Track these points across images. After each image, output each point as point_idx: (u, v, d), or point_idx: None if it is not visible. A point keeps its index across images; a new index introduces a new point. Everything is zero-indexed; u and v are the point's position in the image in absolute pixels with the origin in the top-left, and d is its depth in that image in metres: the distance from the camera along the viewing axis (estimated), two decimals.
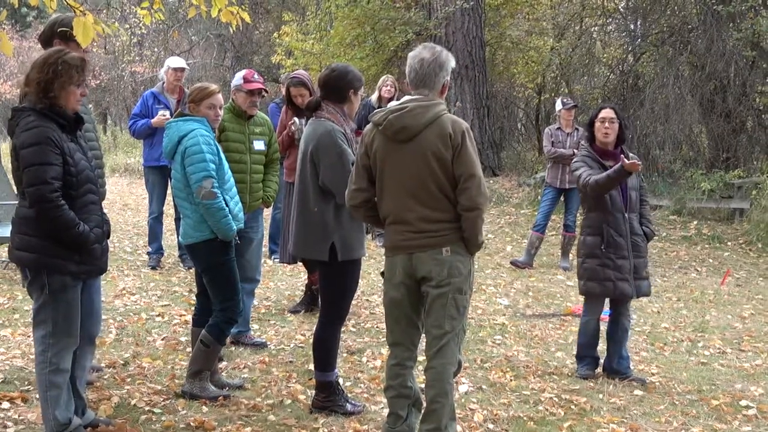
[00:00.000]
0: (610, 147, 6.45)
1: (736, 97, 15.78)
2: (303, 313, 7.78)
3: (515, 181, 16.68)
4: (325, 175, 5.02)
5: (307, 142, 5.14)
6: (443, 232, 4.36)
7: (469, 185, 4.29)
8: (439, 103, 4.43)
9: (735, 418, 5.68)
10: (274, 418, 5.16)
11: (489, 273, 10.56)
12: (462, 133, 4.32)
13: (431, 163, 4.33)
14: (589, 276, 6.38)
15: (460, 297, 4.40)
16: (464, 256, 4.41)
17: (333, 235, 5.06)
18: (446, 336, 4.39)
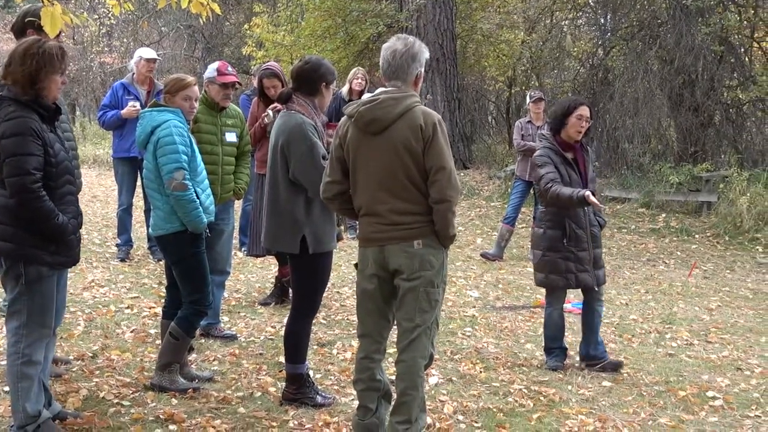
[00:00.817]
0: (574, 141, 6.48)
1: (705, 91, 15.92)
2: (273, 305, 7.77)
3: (486, 174, 16.74)
4: (296, 168, 5.01)
5: (277, 134, 5.12)
6: (415, 224, 4.36)
7: (439, 178, 4.29)
8: (411, 95, 4.41)
9: (702, 408, 5.74)
10: (244, 411, 5.15)
11: (459, 265, 10.59)
12: (433, 125, 4.31)
13: (402, 155, 4.32)
14: (550, 269, 6.44)
15: (432, 290, 4.40)
16: (436, 249, 4.40)
17: (304, 228, 5.05)
18: (417, 329, 4.39)
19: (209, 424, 4.85)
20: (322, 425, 4.93)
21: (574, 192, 6.18)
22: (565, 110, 6.48)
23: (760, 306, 9.43)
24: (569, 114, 6.43)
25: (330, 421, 5.00)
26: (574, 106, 6.45)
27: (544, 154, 6.46)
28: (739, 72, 16.74)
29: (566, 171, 6.37)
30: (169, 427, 4.81)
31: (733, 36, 16.57)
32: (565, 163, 6.38)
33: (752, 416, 5.65)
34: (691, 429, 5.32)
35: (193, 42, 26.11)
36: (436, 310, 4.44)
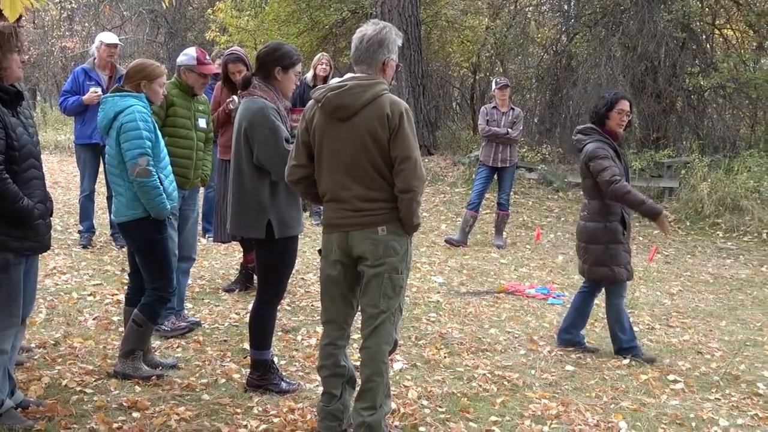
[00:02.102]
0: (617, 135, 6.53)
1: (667, 77, 16.05)
2: (237, 292, 7.74)
3: (450, 160, 16.77)
4: (259, 151, 4.99)
5: (240, 119, 5.09)
6: (379, 211, 4.35)
7: (404, 167, 4.27)
8: (379, 82, 4.37)
9: (663, 392, 5.81)
10: (208, 397, 5.13)
11: (424, 251, 10.61)
12: (400, 114, 4.28)
13: (368, 143, 4.30)
14: (616, 261, 6.44)
15: (396, 276, 4.39)
16: (400, 236, 4.39)
17: (269, 212, 5.04)
18: (381, 315, 4.40)
19: (173, 411, 4.83)
20: (286, 411, 4.93)
21: (647, 201, 6.27)
22: (606, 105, 6.47)
23: (720, 290, 9.56)
24: (611, 108, 6.44)
25: (295, 408, 5.00)
26: (615, 100, 6.45)
27: (603, 147, 6.40)
28: (701, 59, 16.90)
29: (619, 162, 6.41)
30: (132, 414, 4.79)
31: (695, 23, 16.72)
32: (618, 156, 6.42)
33: (712, 399, 5.72)
34: (653, 412, 5.38)
35: (156, 27, 25.90)
36: (400, 297, 4.44)
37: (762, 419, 5.37)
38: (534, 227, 12.75)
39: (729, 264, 11.20)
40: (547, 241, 12.09)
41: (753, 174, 13.94)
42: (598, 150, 6.37)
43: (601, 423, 5.10)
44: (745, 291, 9.67)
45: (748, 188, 13.55)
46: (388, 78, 4.48)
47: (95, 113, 6.58)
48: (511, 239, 11.93)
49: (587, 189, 6.54)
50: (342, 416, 4.59)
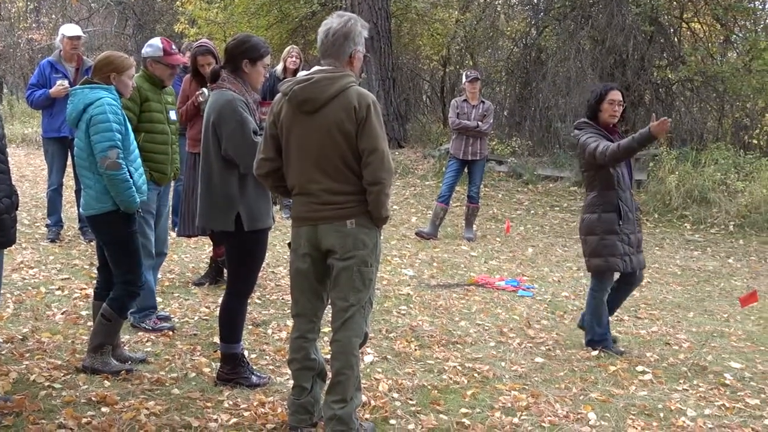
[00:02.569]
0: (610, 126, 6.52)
1: (635, 71, 16.16)
2: (207, 285, 7.72)
3: (420, 153, 16.79)
4: (228, 144, 4.97)
5: (209, 112, 5.07)
6: (348, 204, 4.35)
7: (372, 160, 4.27)
8: (346, 75, 4.36)
9: (631, 383, 5.85)
10: (178, 392, 5.11)
11: (394, 244, 10.62)
12: (367, 106, 4.26)
13: (335, 136, 4.29)
14: (610, 252, 6.43)
15: (365, 269, 4.39)
16: (370, 229, 4.38)
17: (238, 205, 5.02)
18: (351, 308, 4.39)
19: (142, 405, 4.81)
20: (257, 405, 4.92)
21: (632, 136, 6.17)
22: (597, 97, 6.49)
23: (688, 282, 9.65)
24: (601, 100, 6.45)
25: (265, 401, 4.99)
26: (605, 91, 6.46)
27: (590, 135, 6.42)
28: (669, 52, 17.04)
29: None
30: (101, 409, 4.76)
31: (663, 16, 16.85)
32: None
33: (680, 389, 5.78)
34: (621, 403, 5.42)
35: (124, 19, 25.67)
36: (370, 290, 4.44)
37: (729, 409, 5.43)
38: (504, 220, 12.80)
39: (696, 256, 11.30)
40: (517, 234, 12.14)
41: (720, 166, 14.08)
42: (587, 138, 6.42)
43: (571, 414, 5.14)
44: (713, 283, 9.77)
45: (716, 181, 13.68)
46: (356, 70, 4.46)
47: (63, 106, 6.51)
48: (481, 232, 11.97)
49: (586, 181, 6.63)
50: (313, 409, 4.59)
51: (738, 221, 12.93)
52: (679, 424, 5.10)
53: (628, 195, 6.45)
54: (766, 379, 6.14)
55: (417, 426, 4.78)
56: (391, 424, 4.79)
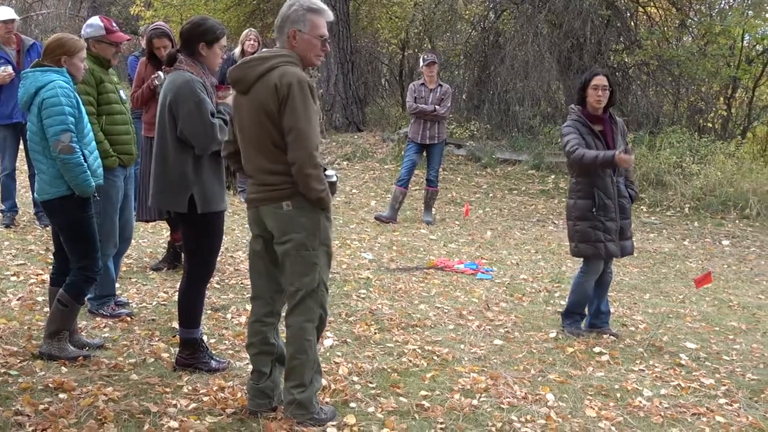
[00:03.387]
0: (599, 112, 6.53)
1: (592, 55, 16.24)
2: (165, 270, 7.66)
3: (379, 137, 16.77)
4: (184, 125, 4.92)
5: (165, 92, 5.02)
6: (283, 185, 4.29)
7: (290, 139, 4.21)
8: (279, 55, 4.33)
9: (589, 364, 5.92)
10: (136, 377, 5.08)
11: (353, 228, 10.62)
12: (289, 85, 4.20)
13: (261, 116, 4.26)
14: (580, 238, 6.51)
15: (305, 253, 4.33)
16: (309, 210, 4.32)
17: (192, 186, 4.98)
18: (299, 293, 4.36)
19: (100, 391, 4.77)
20: (216, 390, 4.90)
21: (599, 153, 6.28)
22: (582, 83, 6.55)
23: (644, 264, 9.76)
24: (586, 86, 6.49)
25: (225, 386, 4.97)
26: (589, 77, 6.51)
27: (570, 125, 6.52)
28: (625, 36, 17.14)
29: (593, 142, 6.44)
30: (59, 395, 4.71)
31: (620, 1, 16.93)
32: (592, 135, 6.45)
33: (636, 370, 5.85)
34: (579, 384, 5.48)
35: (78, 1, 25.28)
36: (315, 274, 4.37)
37: (684, 389, 5.51)
38: (463, 203, 12.84)
39: (653, 238, 11.43)
40: (476, 217, 12.19)
41: (675, 150, 14.22)
42: (563, 128, 6.57)
43: (529, 395, 5.18)
44: (668, 264, 9.89)
45: (671, 164, 13.82)
46: (299, 49, 4.38)
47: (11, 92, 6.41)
48: (440, 215, 12.00)
49: (568, 167, 6.71)
50: (272, 394, 4.58)
51: (693, 204, 13.08)
52: (636, 404, 5.17)
53: (609, 182, 6.46)
54: (720, 359, 6.23)
55: (377, 409, 4.79)
56: (351, 407, 4.79)
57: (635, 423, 4.88)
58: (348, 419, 4.55)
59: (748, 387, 5.63)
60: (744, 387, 5.62)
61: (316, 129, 4.26)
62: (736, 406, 5.26)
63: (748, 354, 6.40)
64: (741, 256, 10.69)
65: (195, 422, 4.42)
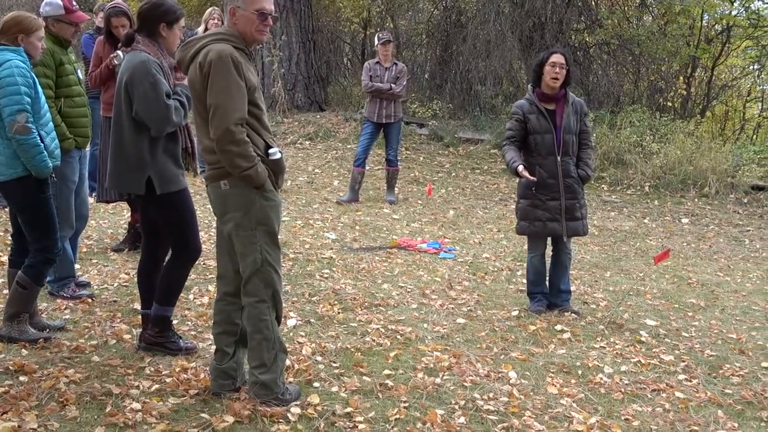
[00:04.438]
0: (555, 91, 6.53)
1: (553, 34, 16.30)
2: (127, 251, 7.60)
3: (342, 116, 16.73)
4: (139, 105, 4.86)
5: (122, 73, 4.96)
6: (220, 164, 4.26)
7: (211, 116, 4.18)
8: (215, 33, 4.32)
9: (551, 342, 5.97)
10: (98, 359, 5.04)
11: (316, 208, 10.61)
12: (210, 62, 4.16)
13: (194, 95, 4.30)
14: (521, 216, 6.63)
15: (243, 233, 4.31)
16: (242, 189, 4.27)
17: (148, 168, 4.92)
18: (246, 272, 4.35)
19: (62, 373, 4.73)
20: (179, 371, 4.88)
21: (511, 160, 6.42)
22: (539, 61, 6.57)
23: (605, 242, 9.85)
24: (543, 64, 6.51)
25: (187, 367, 4.95)
26: (548, 55, 6.53)
27: (516, 106, 6.63)
28: (586, 15, 17.22)
29: (538, 120, 6.47)
30: (19, 378, 4.66)
31: None
32: (539, 114, 6.48)
33: (597, 347, 5.91)
34: (541, 361, 5.52)
35: None
36: (257, 253, 4.32)
37: (644, 365, 5.58)
38: (425, 183, 12.86)
39: (613, 216, 11.54)
40: (439, 197, 12.21)
41: (636, 129, 14.34)
42: (512, 109, 6.69)
43: (492, 373, 5.22)
44: (629, 242, 9.99)
45: (632, 143, 13.94)
46: (239, 26, 4.33)
47: None
48: (403, 195, 12.01)
49: None
50: (235, 374, 4.57)
51: (653, 182, 13.21)
52: (597, 381, 5.22)
53: (552, 161, 6.49)
54: (680, 335, 6.32)
55: (340, 388, 4.80)
56: (315, 387, 4.80)
57: (596, 399, 4.94)
58: (311, 399, 4.56)
59: (706, 363, 5.72)
60: (703, 363, 5.71)
61: (237, 104, 4.17)
62: (695, 382, 5.33)
63: (707, 330, 6.49)
64: (700, 234, 10.83)
65: (158, 404, 4.40)
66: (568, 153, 6.53)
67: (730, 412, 4.87)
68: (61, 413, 4.21)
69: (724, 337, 6.35)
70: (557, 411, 4.69)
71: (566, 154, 6.51)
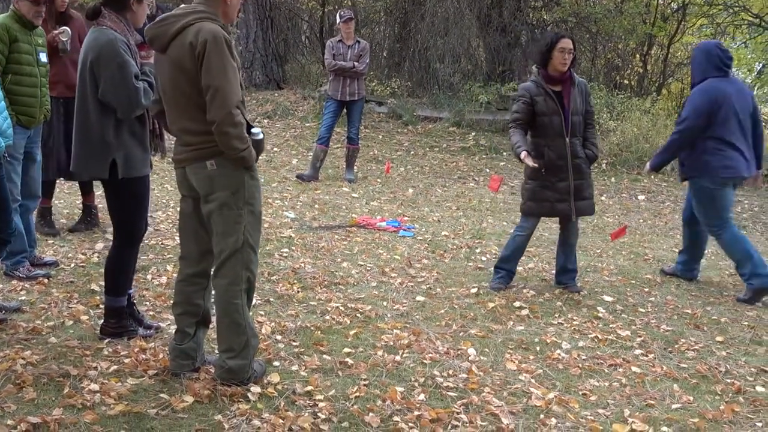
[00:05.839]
0: (561, 74, 6.55)
1: (512, 11, 16.35)
2: (84, 232, 7.52)
3: (300, 94, 16.66)
4: (106, 87, 4.75)
5: (86, 51, 4.82)
6: (205, 144, 4.21)
7: (209, 98, 4.12)
8: (197, 11, 4.23)
9: (509, 318, 6.01)
10: (55, 340, 4.99)
11: (275, 187, 10.57)
12: (205, 42, 4.10)
13: (179, 75, 4.18)
14: (529, 196, 6.66)
15: (228, 213, 4.26)
16: (231, 169, 4.24)
17: (114, 151, 4.82)
18: (223, 253, 4.30)
19: (18, 355, 4.68)
20: (138, 351, 4.84)
21: (516, 144, 6.45)
22: (547, 45, 6.54)
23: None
24: (552, 48, 6.49)
25: (146, 347, 4.92)
26: (556, 40, 6.51)
27: (522, 89, 6.63)
28: None
29: (545, 102, 6.48)
30: None
31: None
32: (547, 95, 6.48)
33: (555, 323, 5.96)
34: (500, 338, 5.56)
35: None
36: (240, 234, 4.29)
37: (601, 341, 5.64)
38: (384, 161, 12.86)
39: None
40: (398, 175, 12.22)
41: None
42: (519, 91, 6.67)
43: (451, 350, 5.25)
44: (586, 219, 10.04)
45: None
46: (230, 9, 4.33)
47: None
48: (362, 173, 12.00)
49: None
50: (195, 354, 4.55)
51: (610, 159, 13.33)
52: (555, 357, 5.27)
53: (560, 143, 6.52)
54: (636, 311, 6.39)
55: (300, 367, 4.80)
56: (275, 366, 4.79)
57: (554, 375, 4.99)
58: (272, 378, 4.55)
59: (662, 338, 5.79)
60: (659, 338, 5.78)
61: (235, 86, 4.16)
62: (651, 357, 5.40)
63: (663, 306, 6.58)
64: (656, 211, 10.96)
65: (116, 384, 4.37)
66: (575, 134, 6.58)
67: (686, 386, 4.94)
68: (18, 395, 4.17)
69: (680, 313, 6.43)
70: (516, 387, 4.73)
71: (574, 135, 6.59)
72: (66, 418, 3.93)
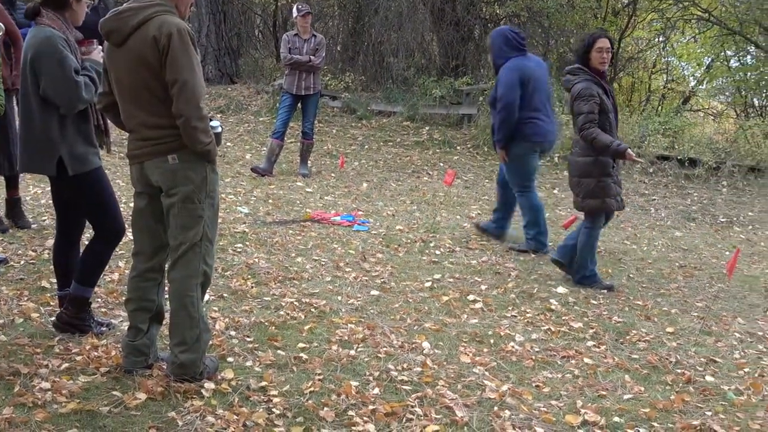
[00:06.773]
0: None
1: (465, 6, 16.40)
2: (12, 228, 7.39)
3: (254, 89, 16.58)
4: (47, 84, 4.72)
5: (26, 50, 4.80)
6: (166, 139, 4.19)
7: (175, 92, 4.09)
8: (155, 4, 4.18)
9: (463, 312, 6.04)
10: (5, 338, 4.92)
11: (229, 181, 10.51)
12: (169, 35, 4.07)
13: (140, 69, 4.13)
14: (607, 193, 6.72)
15: (190, 206, 4.25)
16: (195, 163, 4.23)
17: (59, 148, 4.77)
18: (182, 247, 4.28)
19: None
20: (89, 349, 4.79)
21: (614, 142, 6.49)
22: (585, 46, 6.67)
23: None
24: (590, 48, 6.61)
25: (98, 344, 4.87)
26: (593, 40, 6.64)
27: (589, 87, 6.60)
28: None
29: (608, 100, 6.61)
30: None
31: None
32: (605, 93, 6.60)
33: (509, 316, 6.01)
34: (454, 331, 5.59)
35: None
36: (200, 227, 4.29)
37: (554, 333, 5.69)
38: (338, 155, 12.85)
39: None
40: (352, 169, 12.22)
41: None
42: (583, 91, 6.62)
43: (406, 344, 5.26)
44: None
45: None
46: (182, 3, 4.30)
47: None
48: (316, 168, 11.98)
49: (577, 125, 6.76)
50: (148, 351, 4.51)
51: (562, 153, 13.42)
52: (508, 349, 5.31)
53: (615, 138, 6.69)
54: (588, 303, 6.46)
55: (255, 363, 4.78)
56: (229, 361, 4.77)
57: (508, 367, 5.02)
58: (226, 374, 4.53)
59: (614, 329, 5.86)
60: (610, 329, 5.85)
61: (200, 79, 4.16)
62: (603, 348, 5.47)
63: (614, 298, 6.66)
64: None
65: (68, 382, 4.32)
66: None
67: (637, 377, 5.01)
68: None
69: (631, 304, 6.52)
70: (470, 379, 4.76)
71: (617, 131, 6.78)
72: (17, 417, 3.89)
